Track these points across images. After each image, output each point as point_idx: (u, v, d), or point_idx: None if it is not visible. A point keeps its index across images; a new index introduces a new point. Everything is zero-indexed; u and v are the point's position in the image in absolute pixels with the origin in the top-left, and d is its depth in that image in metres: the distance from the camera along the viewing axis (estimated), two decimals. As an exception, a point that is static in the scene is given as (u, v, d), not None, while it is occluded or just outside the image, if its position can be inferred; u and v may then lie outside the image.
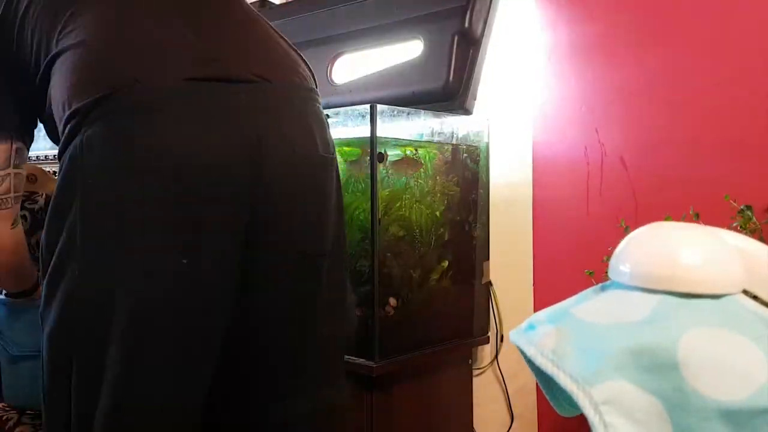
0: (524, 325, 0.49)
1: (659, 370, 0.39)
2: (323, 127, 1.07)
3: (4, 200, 1.08)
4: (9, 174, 1.08)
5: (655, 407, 0.38)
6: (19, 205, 1.13)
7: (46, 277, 0.96)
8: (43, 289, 0.97)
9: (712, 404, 0.38)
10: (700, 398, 0.38)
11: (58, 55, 0.98)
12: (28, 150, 1.13)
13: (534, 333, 0.44)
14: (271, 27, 1.13)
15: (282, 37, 1.12)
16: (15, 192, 1.10)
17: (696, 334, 0.41)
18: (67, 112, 0.93)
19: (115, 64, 0.94)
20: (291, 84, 1.05)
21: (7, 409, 1.29)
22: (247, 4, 1.12)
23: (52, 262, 0.95)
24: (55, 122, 0.99)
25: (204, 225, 0.93)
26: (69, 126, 0.93)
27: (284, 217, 1.00)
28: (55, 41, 0.98)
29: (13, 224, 1.11)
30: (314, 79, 1.12)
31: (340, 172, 1.13)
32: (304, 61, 1.12)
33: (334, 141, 1.11)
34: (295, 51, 1.12)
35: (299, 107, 1.04)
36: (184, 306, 0.94)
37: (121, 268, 0.92)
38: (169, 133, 0.92)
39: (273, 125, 0.98)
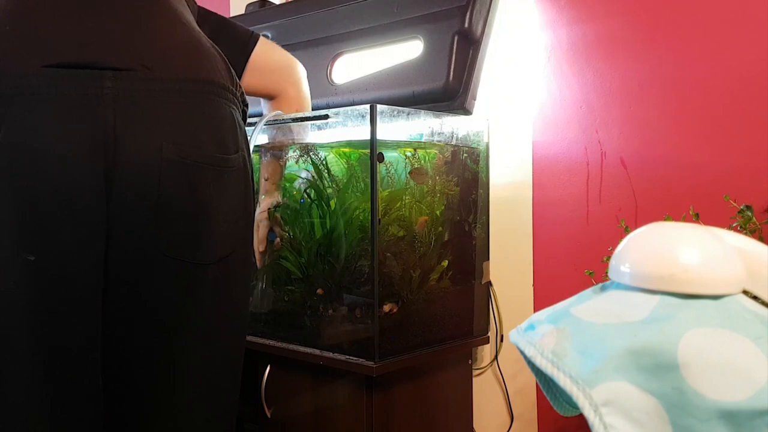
0: (524, 325, 0.49)
1: (659, 371, 0.39)
2: (219, 125, 0.98)
3: None
4: None
5: (655, 408, 0.38)
6: None
7: None
8: None
9: (713, 405, 0.38)
10: (701, 399, 0.38)
11: None
12: None
13: (534, 333, 0.44)
14: (189, 24, 1.05)
15: (200, 34, 1.04)
16: None
17: (696, 334, 0.41)
18: None
19: None
20: (183, 76, 0.95)
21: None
22: None
23: None
24: None
25: (50, 222, 0.87)
26: None
27: (146, 221, 0.92)
28: None
29: None
30: (231, 77, 1.04)
31: (341, 173, 1.07)
32: (219, 57, 1.04)
33: (335, 142, 1.06)
34: (215, 48, 1.05)
35: (186, 102, 0.95)
36: (33, 308, 0.89)
37: None
38: (15, 124, 0.86)
39: (138, 117, 0.90)
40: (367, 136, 1.38)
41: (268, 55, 1.28)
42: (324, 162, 1.50)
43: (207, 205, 0.96)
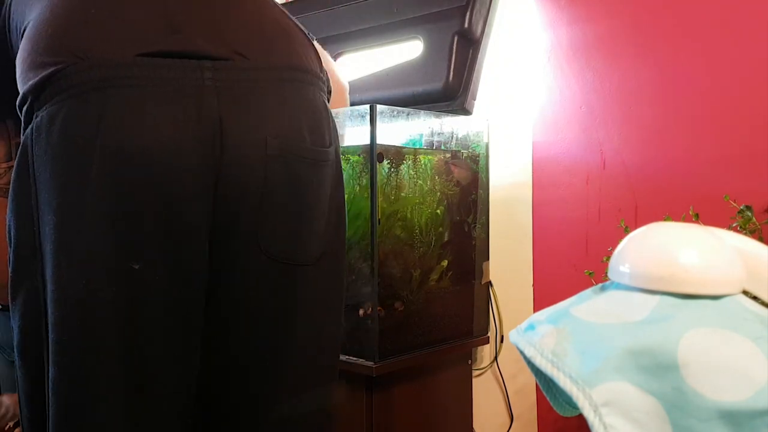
0: (524, 325, 0.48)
1: (659, 371, 0.39)
2: (317, 116, 0.92)
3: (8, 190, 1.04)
4: (12, 167, 0.99)
5: (654, 408, 0.38)
6: None
7: (9, 283, 0.87)
8: (9, 285, 0.88)
9: (712, 405, 0.38)
10: (700, 399, 0.38)
11: (23, 32, 0.87)
12: None
13: (533, 333, 0.44)
14: (277, 5, 0.99)
15: (288, 17, 0.99)
16: None
17: (696, 334, 0.41)
18: (20, 97, 0.84)
19: (61, 40, 0.82)
20: (279, 64, 0.89)
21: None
22: None
23: (11, 267, 0.86)
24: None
25: (153, 224, 0.81)
26: (23, 112, 0.84)
27: (250, 218, 0.87)
28: (26, 17, 0.88)
29: None
30: (320, 63, 0.98)
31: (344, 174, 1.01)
32: (309, 43, 0.98)
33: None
34: (302, 31, 0.99)
35: (286, 91, 0.89)
36: (133, 316, 0.82)
37: (60, 272, 0.81)
38: (109, 118, 0.79)
39: (243, 110, 0.84)
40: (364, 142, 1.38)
41: (326, 60, 1.12)
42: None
43: (308, 203, 0.92)
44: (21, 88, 0.84)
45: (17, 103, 0.85)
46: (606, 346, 0.41)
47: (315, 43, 1.02)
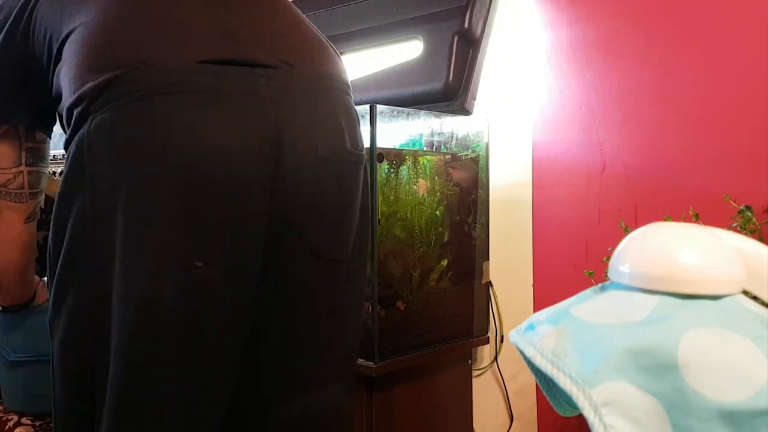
0: (524, 325, 0.48)
1: (659, 371, 0.39)
2: (353, 123, 0.99)
3: (19, 194, 1.06)
4: (21, 171, 1.04)
5: (654, 408, 0.38)
6: (37, 201, 1.11)
7: (55, 279, 0.90)
8: (51, 293, 0.91)
9: (712, 405, 0.38)
10: (700, 399, 0.38)
11: (68, 35, 0.90)
12: (45, 148, 1.09)
13: (533, 333, 0.44)
14: (307, 19, 1.06)
15: (316, 30, 1.05)
16: (31, 188, 1.06)
17: (696, 334, 0.41)
18: (73, 98, 0.87)
19: (121, 45, 0.86)
20: (320, 72, 0.95)
21: (7, 410, 1.29)
22: None
23: (59, 264, 0.89)
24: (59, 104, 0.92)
25: (218, 224, 0.85)
26: (75, 114, 0.87)
27: (302, 218, 0.92)
28: (66, 22, 0.91)
29: (27, 218, 1.07)
30: (346, 73, 1.04)
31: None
32: (336, 53, 1.04)
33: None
34: (328, 43, 1.04)
35: (327, 98, 0.95)
36: (195, 314, 0.86)
37: (128, 269, 0.84)
38: (176, 122, 0.83)
39: (295, 115, 0.90)
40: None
41: None
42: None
43: (348, 203, 0.98)
44: (75, 90, 0.87)
45: (67, 105, 0.88)
46: (606, 346, 0.41)
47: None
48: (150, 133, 0.83)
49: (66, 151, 0.91)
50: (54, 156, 1.93)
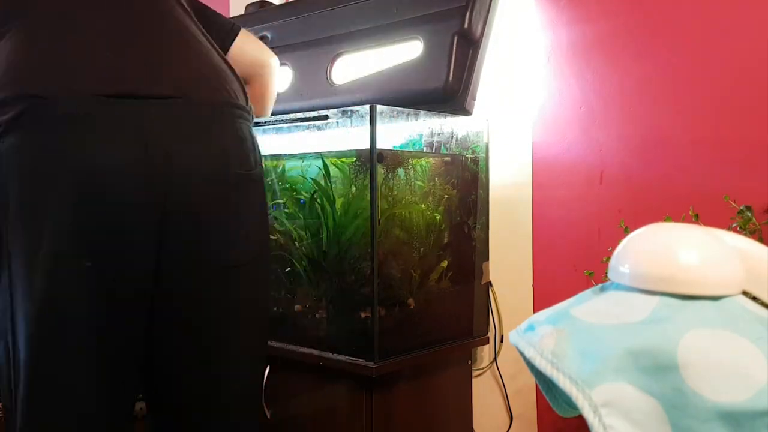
0: (523, 326, 0.48)
1: (659, 372, 0.39)
2: (243, 144, 1.11)
3: None
4: None
5: (654, 409, 0.38)
6: None
7: None
8: None
9: (712, 406, 0.38)
10: (700, 400, 0.38)
11: None
12: None
13: (533, 334, 0.44)
14: (208, 42, 1.17)
15: (220, 55, 1.17)
16: None
17: (696, 335, 0.41)
18: None
19: (29, 80, 1.00)
20: (208, 100, 1.08)
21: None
22: (181, 18, 1.16)
23: None
24: None
25: (106, 232, 0.99)
26: None
27: (188, 230, 1.04)
28: None
29: None
30: (245, 96, 1.17)
31: (341, 176, 1.17)
32: (233, 75, 1.16)
33: (332, 144, 1.13)
34: (229, 67, 1.17)
35: (215, 124, 1.08)
36: (87, 309, 0.99)
37: (28, 270, 0.98)
38: (72, 146, 0.97)
39: (182, 142, 1.03)
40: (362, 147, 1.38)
41: (245, 50, 1.35)
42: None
43: (237, 216, 1.11)
44: None
45: None
46: (606, 347, 0.41)
47: (233, 61, 1.22)
48: (45, 156, 0.97)
49: None
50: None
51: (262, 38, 1.86)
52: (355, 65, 1.69)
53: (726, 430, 0.38)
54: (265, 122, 1.55)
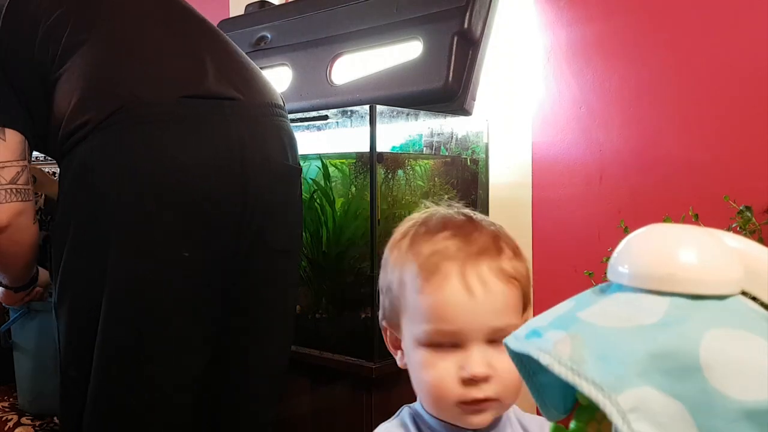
0: (522, 331, 0.47)
1: (682, 374, 0.39)
2: (292, 141, 1.23)
3: (26, 192, 1.12)
4: (26, 166, 1.12)
5: (679, 411, 0.37)
6: (37, 199, 1.18)
7: (59, 273, 1.08)
8: (55, 286, 1.11)
9: (737, 405, 0.38)
10: (725, 400, 0.38)
11: (63, 64, 1.09)
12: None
13: (542, 340, 0.43)
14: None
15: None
16: (31, 185, 1.15)
17: (716, 335, 0.41)
18: (77, 122, 1.06)
19: (121, 82, 1.07)
20: (265, 101, 1.19)
21: (7, 409, 1.29)
22: (222, 32, 1.27)
23: (63, 260, 1.07)
24: (50, 127, 1.10)
25: (202, 223, 1.08)
26: (76, 134, 1.06)
27: (261, 217, 1.14)
28: (62, 51, 1.09)
29: (35, 219, 1.15)
30: (281, 98, 1.27)
31: (340, 176, 1.25)
32: (267, 79, 1.27)
33: (331, 144, 1.25)
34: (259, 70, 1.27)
35: (272, 123, 1.18)
36: (182, 293, 1.09)
37: (127, 261, 1.05)
38: (167, 143, 1.06)
39: (254, 138, 1.13)
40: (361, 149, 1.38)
41: None
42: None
43: (293, 205, 1.24)
44: (77, 116, 1.06)
45: (66, 125, 1.08)
46: (625, 351, 0.40)
47: None
48: (146, 155, 1.05)
49: (60, 164, 1.10)
50: (45, 157, 1.92)
51: (262, 38, 1.86)
52: (355, 65, 1.69)
53: (752, 429, 0.38)
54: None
